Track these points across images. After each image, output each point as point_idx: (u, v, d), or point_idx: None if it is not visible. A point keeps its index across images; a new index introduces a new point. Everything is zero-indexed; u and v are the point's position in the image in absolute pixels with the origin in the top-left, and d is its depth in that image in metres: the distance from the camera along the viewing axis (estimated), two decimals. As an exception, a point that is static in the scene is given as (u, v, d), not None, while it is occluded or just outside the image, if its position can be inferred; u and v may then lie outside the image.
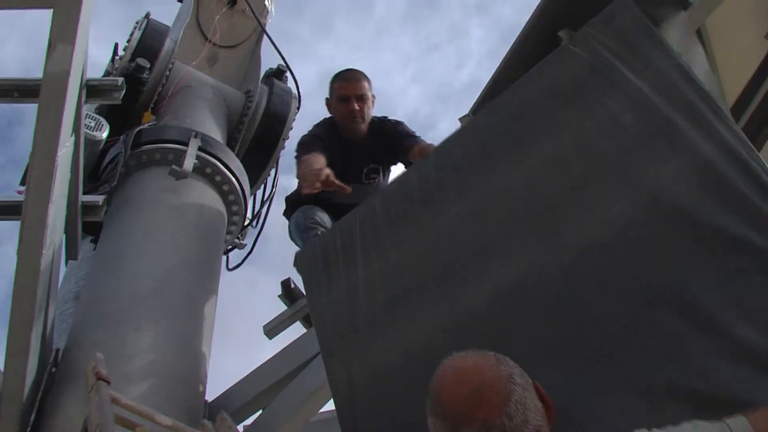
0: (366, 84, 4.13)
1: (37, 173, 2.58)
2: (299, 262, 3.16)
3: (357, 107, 4.03)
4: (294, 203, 4.21)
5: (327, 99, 4.19)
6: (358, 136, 4.09)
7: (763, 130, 3.44)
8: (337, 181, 3.37)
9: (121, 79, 3.32)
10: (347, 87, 4.10)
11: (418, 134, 4.12)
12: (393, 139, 4.12)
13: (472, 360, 1.70)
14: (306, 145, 3.96)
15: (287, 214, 4.26)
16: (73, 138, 2.88)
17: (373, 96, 4.16)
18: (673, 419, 1.74)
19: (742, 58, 3.53)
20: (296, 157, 4.01)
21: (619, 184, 2.22)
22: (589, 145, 2.34)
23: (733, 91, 3.54)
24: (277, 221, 4.29)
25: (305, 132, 4.22)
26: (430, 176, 2.78)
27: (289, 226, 4.18)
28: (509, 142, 2.59)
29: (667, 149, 2.16)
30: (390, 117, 4.27)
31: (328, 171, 3.39)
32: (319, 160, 3.66)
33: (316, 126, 4.22)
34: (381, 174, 4.24)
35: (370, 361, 2.55)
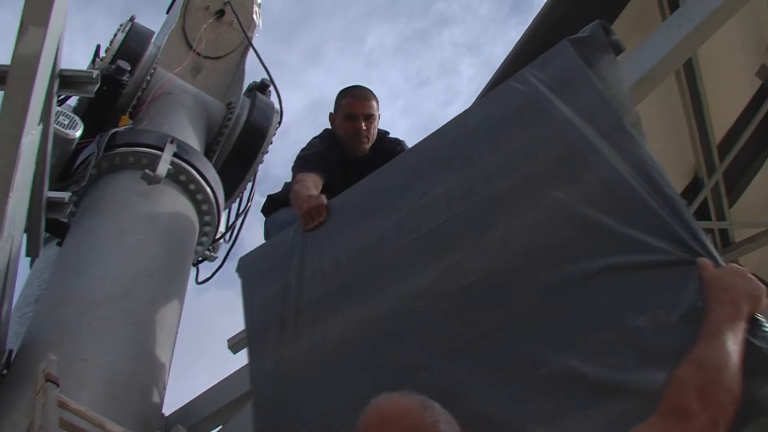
0: (375, 103, 3.94)
1: (-2, 159, 2.46)
2: (240, 268, 3.27)
3: (364, 127, 3.84)
4: (277, 203, 4.04)
5: (331, 114, 3.99)
6: (360, 155, 3.95)
7: (752, 165, 3.41)
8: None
9: (96, 72, 3.21)
10: (356, 105, 3.89)
11: None
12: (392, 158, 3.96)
13: (399, 403, 1.71)
14: (306, 161, 3.77)
15: (267, 212, 4.09)
16: (40, 127, 2.77)
17: (379, 115, 4.03)
18: (570, 404, 1.98)
19: (732, 94, 3.51)
20: (294, 170, 3.84)
21: (539, 195, 2.46)
22: (516, 162, 2.60)
23: (723, 125, 3.51)
24: (256, 242, 4.10)
25: (299, 144, 4.10)
26: (369, 192, 3.08)
27: (266, 223, 4.01)
28: (441, 162, 2.85)
29: (585, 166, 2.41)
30: (390, 135, 4.10)
31: (323, 201, 3.18)
32: (314, 184, 3.51)
33: (318, 138, 4.05)
34: None
35: (293, 353, 2.73)
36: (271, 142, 4.88)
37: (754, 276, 1.95)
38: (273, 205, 4.06)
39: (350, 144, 3.90)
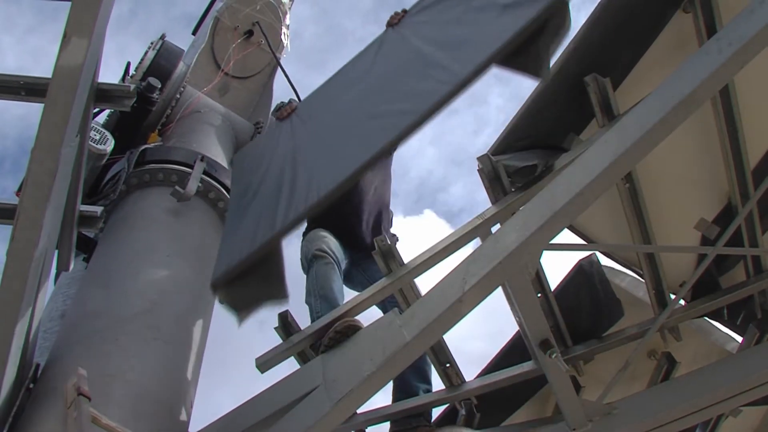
0: None
1: (36, 169, 2.43)
2: (234, 161, 3.96)
3: None
4: (315, 221, 3.94)
5: None
6: None
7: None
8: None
9: (133, 86, 3.21)
10: None
11: None
12: None
13: None
14: None
15: (305, 231, 4.00)
16: (78, 139, 2.75)
17: None
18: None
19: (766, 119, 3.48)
20: None
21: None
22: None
23: (758, 151, 3.47)
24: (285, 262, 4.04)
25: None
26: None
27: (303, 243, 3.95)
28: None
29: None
30: None
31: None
32: None
33: None
34: None
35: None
36: (298, 162, 4.87)
37: None
38: (310, 224, 3.99)
39: None
